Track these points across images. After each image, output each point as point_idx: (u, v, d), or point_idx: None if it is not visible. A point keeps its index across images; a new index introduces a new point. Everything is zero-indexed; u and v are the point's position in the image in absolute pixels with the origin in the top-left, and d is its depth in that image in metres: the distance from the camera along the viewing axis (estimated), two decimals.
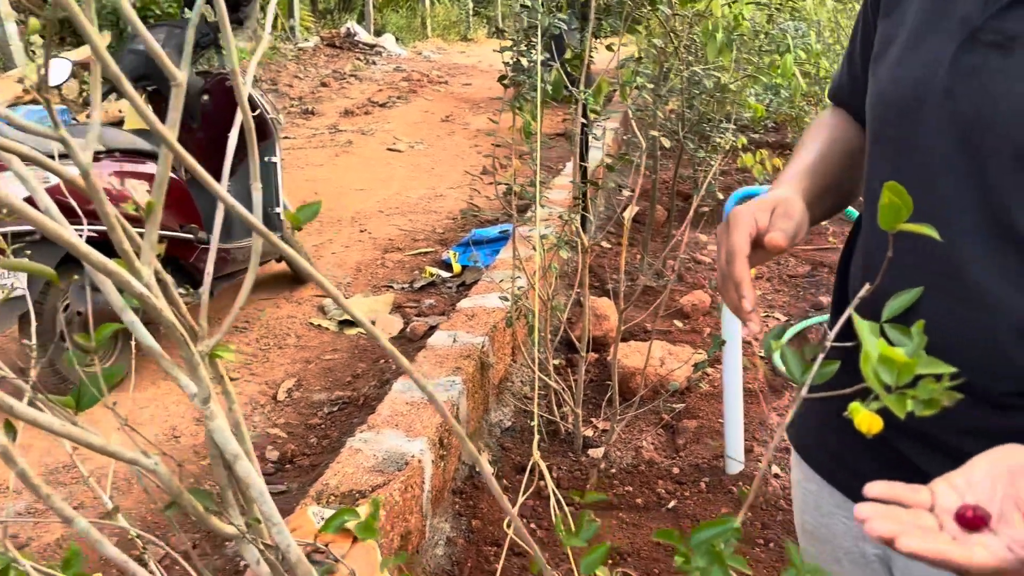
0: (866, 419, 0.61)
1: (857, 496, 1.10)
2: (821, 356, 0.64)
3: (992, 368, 0.80)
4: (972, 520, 0.63)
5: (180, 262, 3.09)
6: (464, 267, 4.09)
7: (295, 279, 4.01)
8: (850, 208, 1.35)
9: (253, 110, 3.48)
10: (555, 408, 2.72)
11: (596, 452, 2.65)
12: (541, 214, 3.80)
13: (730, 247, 0.90)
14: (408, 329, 3.54)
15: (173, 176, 3.11)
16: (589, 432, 2.75)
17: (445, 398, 2.34)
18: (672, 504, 2.38)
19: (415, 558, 2.07)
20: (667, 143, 2.98)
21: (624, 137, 6.07)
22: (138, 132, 3.16)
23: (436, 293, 3.94)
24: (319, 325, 3.64)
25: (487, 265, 3.76)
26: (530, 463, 1.95)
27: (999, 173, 0.78)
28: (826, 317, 3.02)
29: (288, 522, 1.76)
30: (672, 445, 2.71)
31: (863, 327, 0.58)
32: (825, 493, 1.05)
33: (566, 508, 1.98)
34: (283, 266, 3.95)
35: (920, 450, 0.90)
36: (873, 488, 0.65)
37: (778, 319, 3.64)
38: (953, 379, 0.89)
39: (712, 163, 2.95)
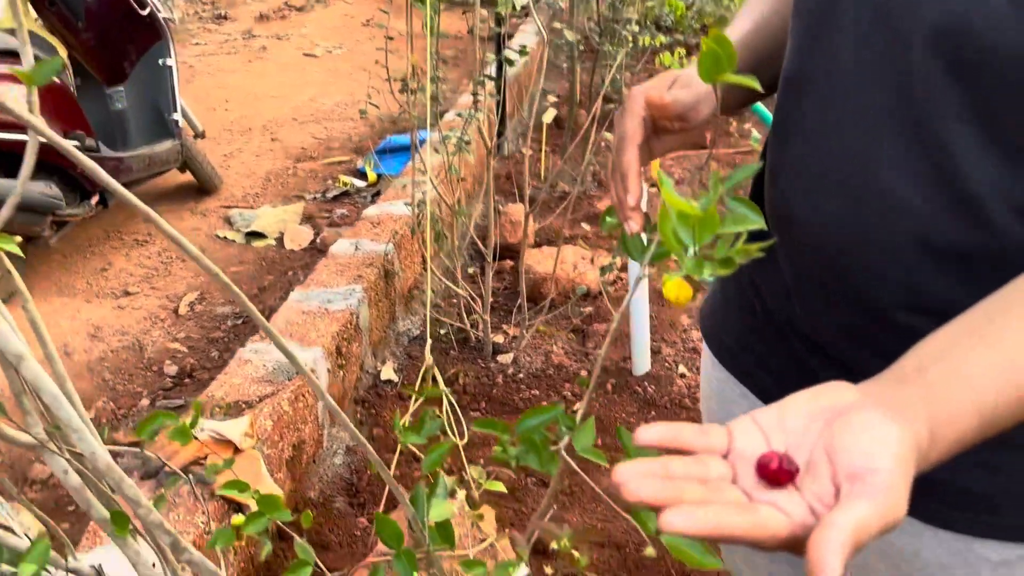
0: (673, 288, 0.56)
1: (760, 389, 1.08)
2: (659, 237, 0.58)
3: (885, 276, 0.76)
4: (775, 473, 0.51)
5: (68, 172, 2.91)
6: (379, 176, 3.96)
7: (200, 190, 3.84)
8: (757, 104, 1.28)
9: (142, 7, 3.25)
10: (465, 316, 2.66)
11: (505, 358, 2.61)
12: (452, 118, 3.67)
13: (620, 132, 0.81)
14: (318, 240, 3.43)
15: (56, 80, 2.90)
16: (500, 339, 2.71)
17: (344, 307, 2.26)
18: (577, 406, 2.36)
19: (311, 467, 2.02)
20: (578, 43, 2.87)
21: (548, 39, 5.90)
22: (11, 32, 2.93)
23: (350, 203, 3.82)
24: (225, 237, 3.50)
25: (398, 172, 3.64)
26: (422, 369, 1.90)
27: (917, 60, 0.68)
28: None
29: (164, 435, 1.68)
30: (582, 349, 2.69)
31: (664, 183, 0.52)
32: (731, 383, 1.03)
33: (459, 412, 1.94)
34: (188, 176, 3.78)
35: (814, 356, 0.86)
36: (647, 432, 0.53)
37: None
38: (837, 285, 0.85)
39: (617, 57, 2.85)
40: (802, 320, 0.88)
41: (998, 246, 0.69)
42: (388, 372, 2.40)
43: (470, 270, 2.99)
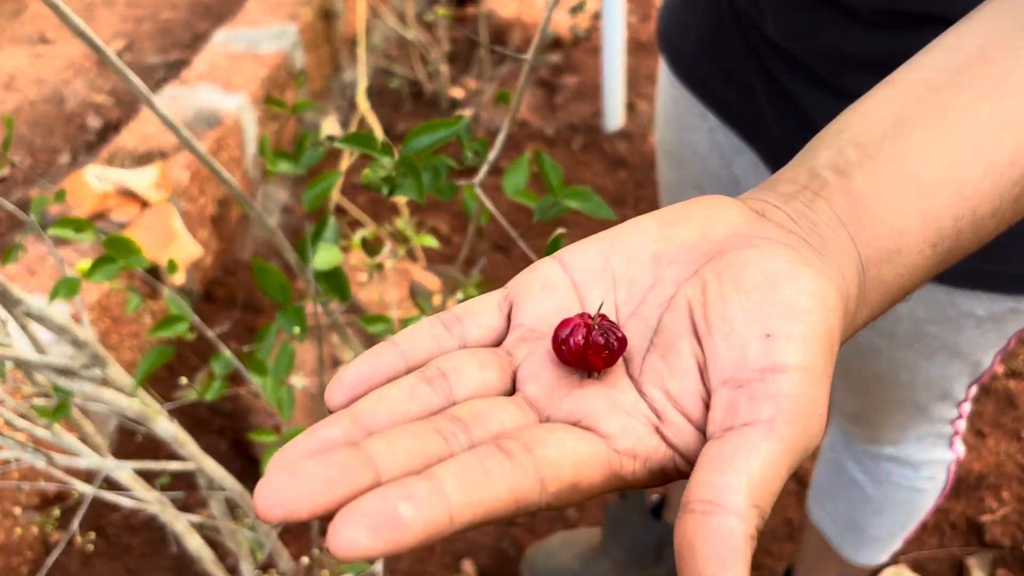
0: None
1: (722, 106, 0.89)
2: None
3: None
4: (580, 352, 0.31)
5: None
6: None
7: None
8: None
9: None
10: (419, 66, 2.40)
11: (465, 114, 2.38)
12: None
13: None
14: None
15: None
16: (459, 94, 2.46)
17: (275, 49, 1.99)
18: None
19: (243, 228, 1.85)
20: None
21: None
22: None
23: None
24: None
25: None
26: (356, 115, 1.67)
27: None
28: None
29: (63, 186, 1.49)
30: (549, 104, 2.45)
31: None
32: (689, 103, 0.86)
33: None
34: None
35: (794, 76, 0.71)
36: (344, 381, 0.32)
37: None
38: None
39: None
40: (779, 35, 0.68)
41: None
42: (330, 126, 2.18)
43: (427, 17, 2.69)
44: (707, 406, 0.31)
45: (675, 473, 0.31)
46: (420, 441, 0.28)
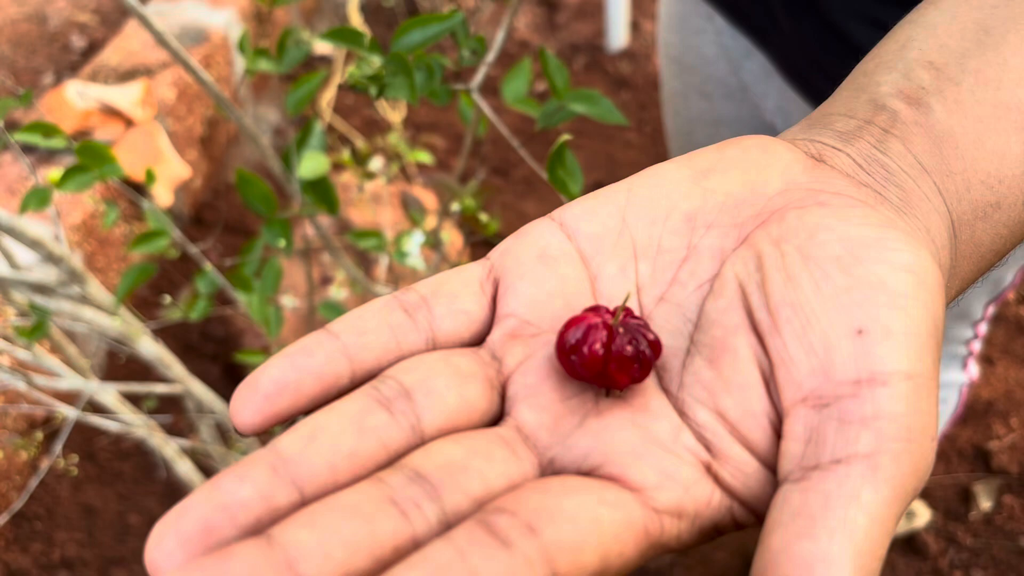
0: None
1: (730, 6, 0.83)
2: None
3: None
4: (596, 363, 0.23)
5: None
6: None
7: None
8: None
9: None
10: None
11: None
12: None
13: None
14: None
15: None
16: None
17: None
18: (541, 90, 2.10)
19: (233, 149, 1.79)
20: None
21: None
22: None
23: None
24: None
25: None
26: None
27: None
28: None
29: (41, 104, 1.43)
30: (549, 23, 2.37)
31: None
32: (698, 7, 0.80)
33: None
34: None
35: None
36: (250, 401, 0.22)
37: None
38: None
39: None
40: None
41: None
42: (325, 45, 2.10)
43: None
44: (777, 432, 0.23)
45: (732, 526, 0.23)
46: (366, 523, 0.19)
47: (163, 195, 1.41)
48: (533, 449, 0.23)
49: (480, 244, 1.53)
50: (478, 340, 0.26)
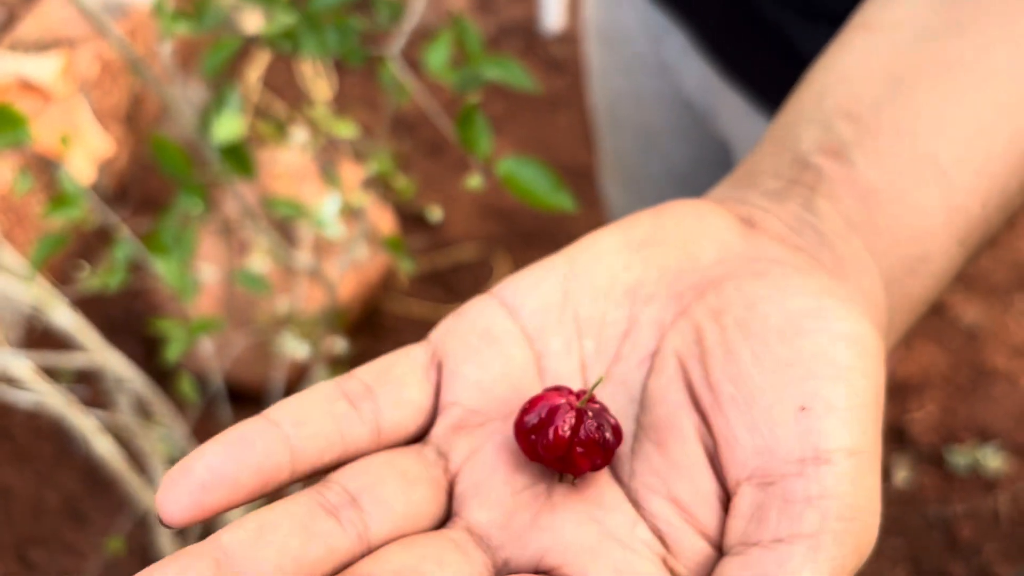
0: None
1: None
2: None
3: None
4: (563, 454, 0.23)
5: None
6: None
7: None
8: None
9: None
10: None
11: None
12: None
13: None
14: None
15: None
16: None
17: None
18: None
19: (163, 125, 1.75)
20: None
21: None
22: None
23: None
24: None
25: None
26: None
27: None
28: None
29: None
30: (483, 5, 2.37)
31: None
32: None
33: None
34: None
35: None
36: (181, 489, 0.21)
37: None
38: None
39: None
40: None
41: None
42: (253, 23, 2.06)
43: None
44: (727, 510, 0.23)
45: None
46: None
47: (86, 170, 1.38)
48: (486, 550, 0.23)
49: (412, 220, 1.53)
50: (424, 430, 0.25)
